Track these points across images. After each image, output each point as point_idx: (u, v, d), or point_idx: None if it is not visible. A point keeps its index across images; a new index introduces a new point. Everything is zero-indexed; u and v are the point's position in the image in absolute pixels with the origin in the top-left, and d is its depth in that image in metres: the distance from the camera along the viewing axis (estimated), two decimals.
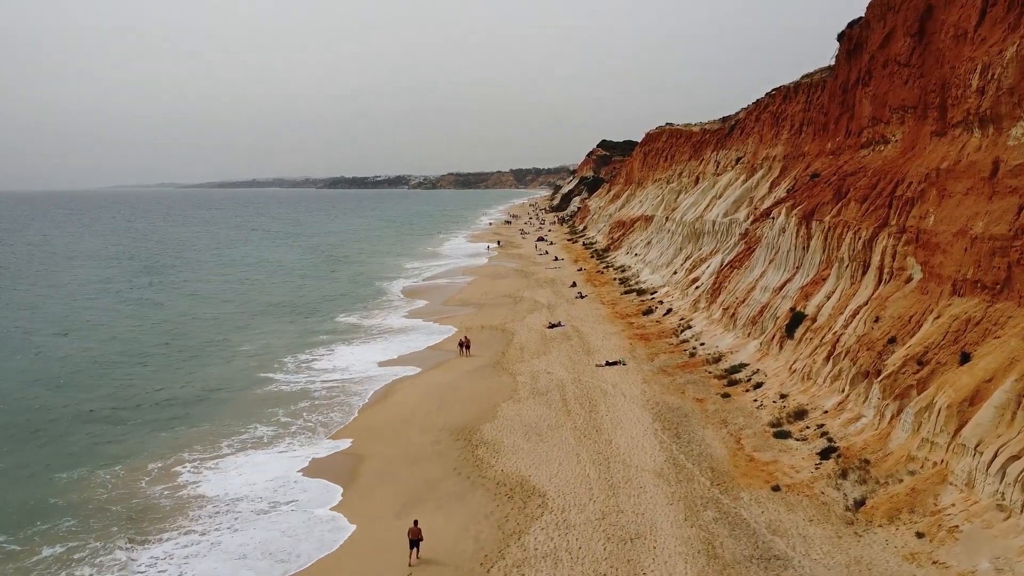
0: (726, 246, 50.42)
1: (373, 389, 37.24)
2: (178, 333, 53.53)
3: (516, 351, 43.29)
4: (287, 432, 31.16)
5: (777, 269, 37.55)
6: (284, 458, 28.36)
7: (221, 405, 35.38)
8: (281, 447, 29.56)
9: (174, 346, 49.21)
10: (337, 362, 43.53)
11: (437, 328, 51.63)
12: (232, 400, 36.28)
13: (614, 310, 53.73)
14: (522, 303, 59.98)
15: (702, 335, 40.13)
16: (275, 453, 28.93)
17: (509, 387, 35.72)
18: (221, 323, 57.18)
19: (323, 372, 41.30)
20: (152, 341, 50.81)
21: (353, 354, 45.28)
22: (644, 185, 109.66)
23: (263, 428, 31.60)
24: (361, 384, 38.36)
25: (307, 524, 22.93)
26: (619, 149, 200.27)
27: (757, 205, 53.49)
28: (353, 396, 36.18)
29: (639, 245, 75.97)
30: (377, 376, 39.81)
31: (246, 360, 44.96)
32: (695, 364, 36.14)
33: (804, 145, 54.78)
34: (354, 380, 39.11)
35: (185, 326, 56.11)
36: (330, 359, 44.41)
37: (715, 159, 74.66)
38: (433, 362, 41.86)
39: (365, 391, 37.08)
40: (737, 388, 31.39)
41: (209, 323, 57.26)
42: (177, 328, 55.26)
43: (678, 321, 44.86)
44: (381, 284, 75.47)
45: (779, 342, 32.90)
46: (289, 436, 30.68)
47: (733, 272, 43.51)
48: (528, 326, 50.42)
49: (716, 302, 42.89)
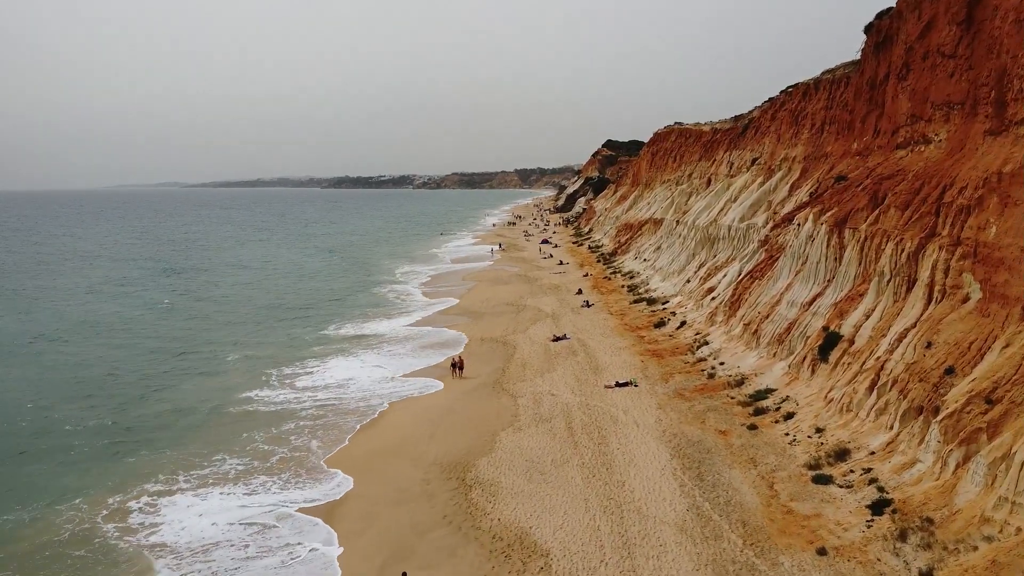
0: (744, 253, 46.94)
1: (362, 412, 33.98)
2: (170, 340, 51.09)
3: (518, 368, 39.95)
4: (263, 464, 27.84)
5: (805, 282, 34.10)
6: (253, 496, 25.07)
7: (193, 430, 32.06)
8: (252, 482, 26.23)
9: (162, 355, 46.61)
10: (327, 377, 40.39)
11: (435, 340, 48.35)
12: (208, 424, 33.00)
13: (623, 321, 50.31)
14: (525, 312, 56.63)
15: (721, 353, 36.69)
16: (242, 490, 25.59)
17: (509, 411, 32.38)
18: (214, 330, 54.72)
19: (311, 389, 38.15)
20: (137, 349, 48.20)
21: (344, 369, 42.05)
22: (652, 186, 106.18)
23: (232, 460, 28.28)
24: (350, 405, 35.13)
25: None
26: (625, 149, 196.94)
27: (777, 209, 50.03)
28: (340, 420, 32.89)
29: (648, 250, 72.50)
30: (368, 395, 36.57)
31: (233, 373, 42.10)
32: (715, 387, 32.71)
33: (826, 145, 51.34)
34: (343, 400, 35.86)
35: (177, 333, 53.71)
36: (320, 374, 41.30)
37: (728, 160, 71.19)
38: (428, 381, 38.54)
39: (354, 414, 33.85)
40: (765, 418, 27.95)
41: (204, 330, 54.83)
42: (170, 334, 52.91)
43: (693, 336, 41.41)
44: (378, 290, 72.18)
45: (811, 365, 29.46)
46: (264, 469, 27.36)
47: (754, 283, 40.06)
48: (531, 339, 47.07)
49: (735, 316, 39.44)
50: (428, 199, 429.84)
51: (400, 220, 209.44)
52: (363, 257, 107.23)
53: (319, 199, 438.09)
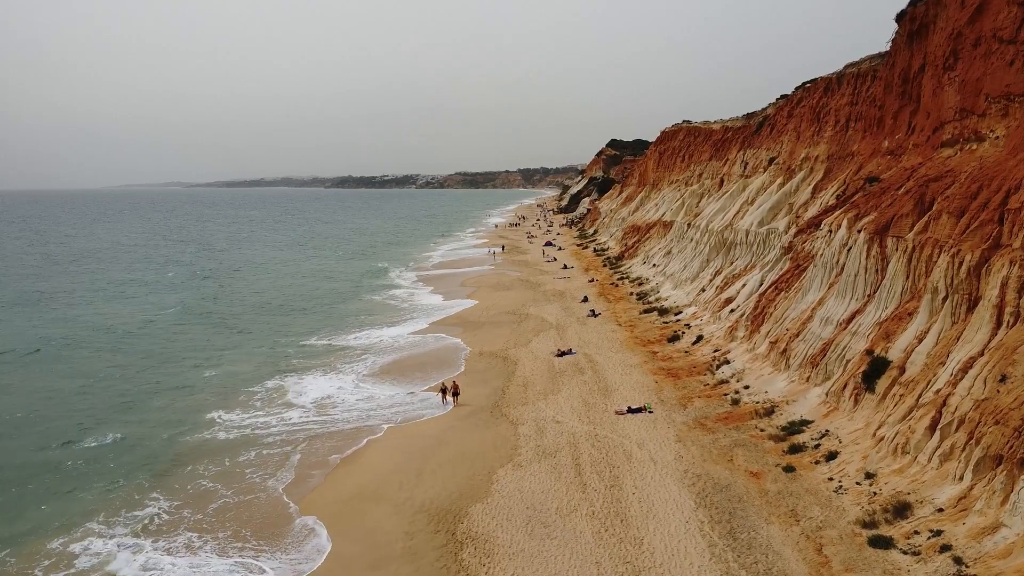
0: (765, 261, 43.23)
1: (343, 438, 30.40)
2: (157, 348, 48.57)
3: (519, 388, 36.31)
4: (217, 515, 24.17)
5: (841, 296, 30.38)
6: (203, 556, 21.46)
7: (146, 465, 28.42)
8: (206, 541, 22.54)
9: (140, 367, 43.68)
10: (307, 397, 36.85)
11: (430, 353, 44.72)
12: (165, 455, 29.41)
13: (632, 334, 46.60)
14: (527, 322, 52.98)
15: (745, 375, 32.98)
16: (179, 551, 21.86)
17: (509, 443, 28.73)
18: (201, 338, 51.98)
19: (284, 409, 34.76)
20: (118, 361, 45.26)
21: (326, 387, 38.53)
22: (659, 187, 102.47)
23: (165, 503, 24.67)
24: (329, 430, 31.59)
25: None
26: (630, 148, 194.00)
27: (799, 213, 46.29)
28: (316, 451, 29.26)
29: (658, 254, 68.75)
30: (350, 419, 33.02)
31: (206, 390, 38.81)
32: (741, 416, 29.01)
33: (852, 144, 47.64)
34: (321, 425, 32.28)
35: (166, 339, 51.36)
36: (297, 390, 37.86)
37: (742, 159, 67.45)
38: (418, 405, 34.92)
39: (333, 440, 30.35)
40: (803, 457, 24.26)
41: (192, 337, 52.19)
42: (158, 342, 50.39)
43: (712, 353, 37.69)
44: (372, 296, 68.52)
45: (853, 395, 25.76)
46: (208, 526, 23.44)
47: (779, 295, 36.35)
48: (533, 353, 43.42)
49: (759, 332, 35.73)
50: (431, 199, 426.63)
51: (401, 220, 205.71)
52: (360, 258, 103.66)
53: (322, 199, 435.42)
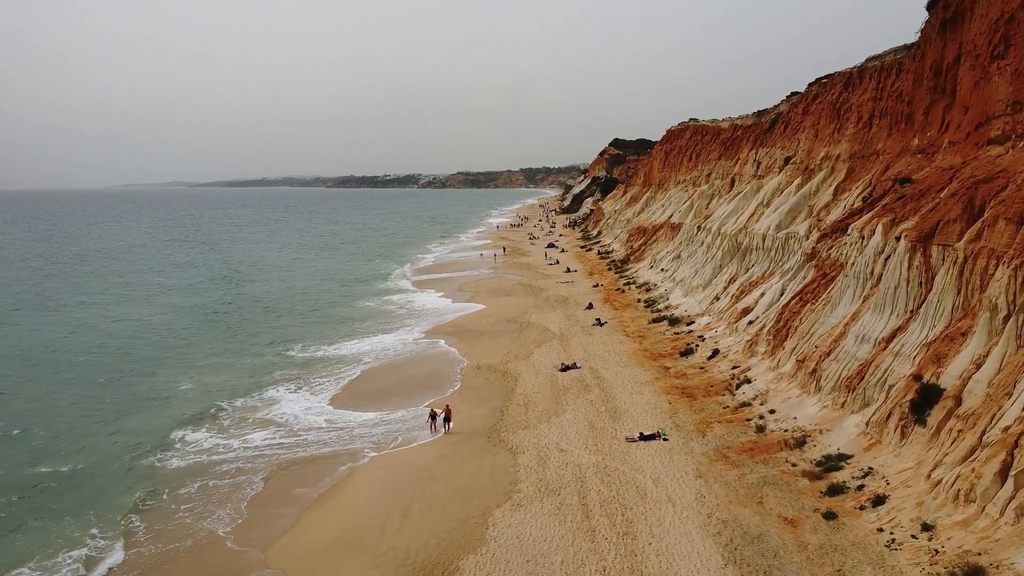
0: (786, 268, 40.04)
1: (319, 467, 27.33)
2: (143, 353, 46.57)
3: (519, 409, 33.16)
4: (152, 566, 21.10)
5: (879, 311, 27.17)
6: None
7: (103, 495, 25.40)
8: None
9: (117, 379, 41.10)
10: (281, 414, 34.09)
11: (423, 366, 41.57)
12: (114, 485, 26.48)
13: (642, 345, 43.41)
14: (528, 331, 49.82)
15: (769, 397, 29.78)
16: None
17: (507, 476, 25.59)
18: (188, 344, 49.59)
19: (255, 429, 32.10)
20: (98, 369, 43.02)
21: (306, 404, 35.60)
22: (666, 187, 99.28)
23: (106, 546, 21.63)
24: (299, 455, 28.62)
25: None
26: (633, 148, 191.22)
27: (821, 216, 43.12)
28: (288, 485, 26.18)
29: (666, 258, 65.53)
30: (329, 445, 29.96)
31: (180, 404, 36.20)
32: (768, 446, 25.82)
33: (877, 142, 44.47)
34: (297, 452, 29.20)
35: (154, 344, 49.42)
36: (274, 408, 34.97)
37: (754, 159, 64.26)
38: (407, 427, 31.78)
39: (308, 467, 27.36)
40: (844, 500, 21.09)
41: (180, 343, 49.95)
42: (145, 346, 48.53)
43: (730, 370, 34.50)
44: (365, 302, 65.30)
45: (899, 427, 22.57)
46: None
47: (805, 307, 33.15)
48: (535, 367, 40.28)
49: (783, 348, 32.54)
50: (433, 198, 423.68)
51: (403, 221, 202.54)
52: (360, 259, 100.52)
53: (325, 199, 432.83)
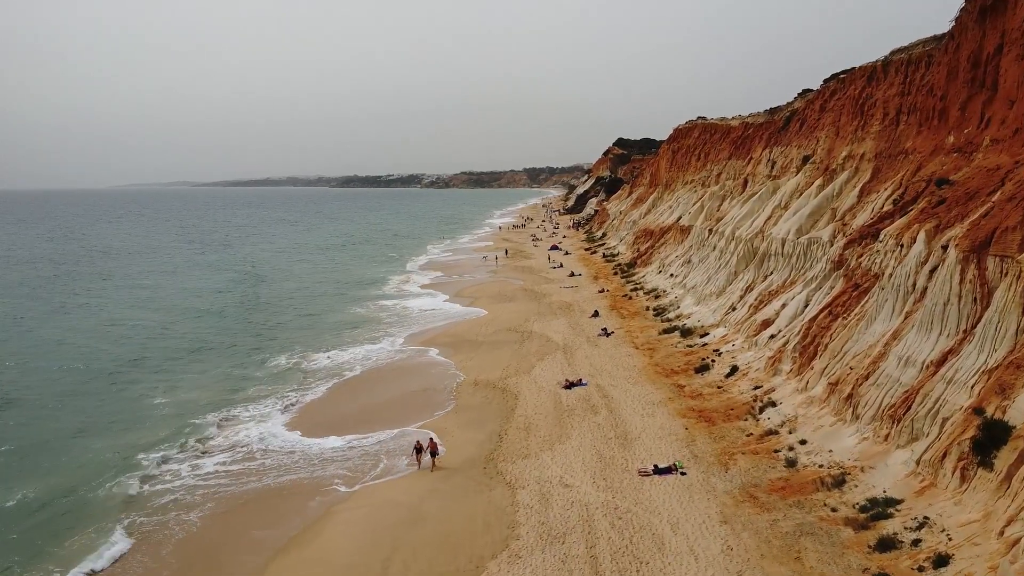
0: (809, 277, 36.90)
1: (291, 502, 24.31)
2: (127, 360, 44.29)
3: (519, 433, 30.11)
4: None
5: (925, 330, 24.03)
6: None
7: (26, 543, 22.42)
8: None
9: (91, 392, 38.46)
10: (246, 437, 31.36)
11: (414, 382, 38.54)
12: (56, 521, 23.56)
13: (652, 359, 40.29)
14: (530, 341, 46.76)
15: (798, 424, 26.63)
16: None
17: (505, 518, 22.53)
18: (175, 352, 47.16)
19: (218, 453, 29.24)
20: (76, 380, 40.60)
21: (273, 424, 33.06)
22: (673, 188, 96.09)
23: None
24: (275, 488, 25.50)
25: None
26: (637, 147, 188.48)
27: (846, 220, 39.99)
28: (251, 527, 23.17)
29: (675, 263, 62.39)
30: (304, 473, 26.97)
31: (150, 424, 33.33)
32: (802, 485, 22.70)
33: (906, 139, 41.32)
34: (265, 483, 26.19)
35: (139, 350, 47.13)
36: (237, 431, 32.07)
37: (768, 158, 61.10)
38: (392, 454, 28.72)
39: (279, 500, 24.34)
40: (899, 558, 17.96)
41: (167, 351, 47.38)
42: (133, 351, 46.45)
43: (752, 391, 31.34)
44: (358, 308, 62.17)
45: (959, 469, 19.44)
46: None
47: (835, 321, 30.00)
48: (537, 383, 37.23)
49: (812, 367, 29.39)
50: (435, 198, 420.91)
51: (404, 221, 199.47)
52: (357, 262, 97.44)
53: (329, 199, 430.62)
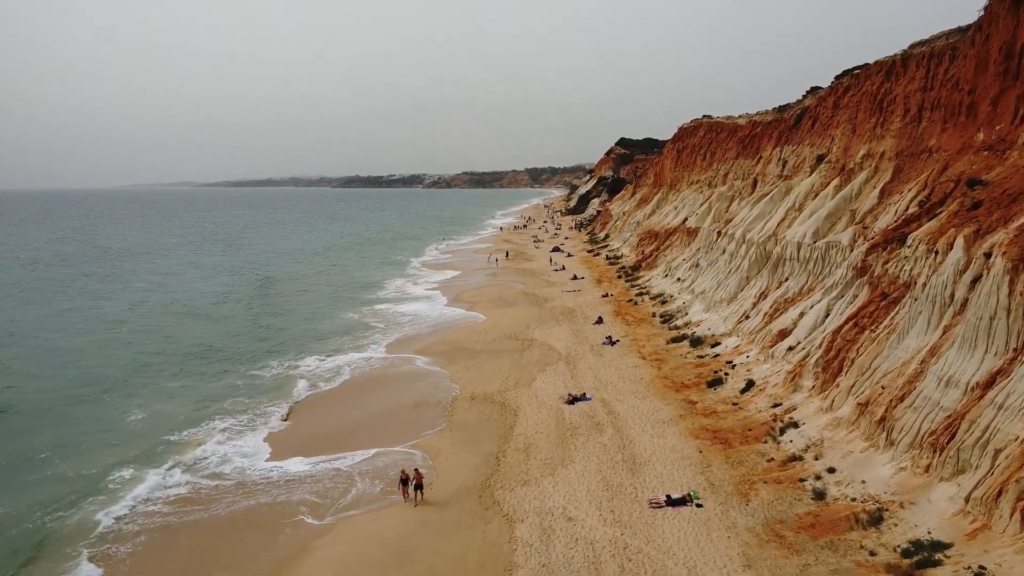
0: (828, 284, 34.51)
1: (245, 544, 21.92)
2: (104, 368, 41.66)
3: (518, 455, 27.75)
4: None
5: (968, 347, 21.63)
6: None
7: None
8: None
9: (67, 404, 36.15)
10: (228, 457, 28.96)
11: (405, 396, 36.17)
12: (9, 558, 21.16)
13: (660, 371, 37.90)
14: (531, 350, 44.41)
15: (825, 449, 24.21)
16: None
17: (501, 558, 20.18)
18: (163, 358, 44.93)
19: (195, 476, 27.00)
20: (56, 393, 37.84)
21: (247, 443, 30.80)
22: (678, 188, 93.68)
23: None
24: (232, 510, 23.16)
25: None
26: (640, 147, 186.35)
27: (867, 223, 37.60)
28: (197, 558, 20.84)
29: (682, 266, 59.97)
30: (280, 497, 24.61)
31: (116, 441, 31.26)
32: (834, 522, 20.30)
33: (929, 137, 38.96)
34: (237, 509, 23.86)
35: (129, 353, 45.33)
36: (220, 453, 29.71)
37: (779, 157, 58.70)
38: (378, 476, 26.35)
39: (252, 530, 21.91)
40: None
41: (152, 358, 45.02)
42: (118, 357, 44.56)
43: (770, 408, 28.93)
44: (350, 314, 59.81)
45: (1017, 510, 17.05)
46: None
47: (863, 334, 27.58)
48: (538, 397, 34.88)
49: (836, 384, 26.97)
50: (437, 199, 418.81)
51: (405, 221, 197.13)
52: (356, 263, 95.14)
53: (331, 199, 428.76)
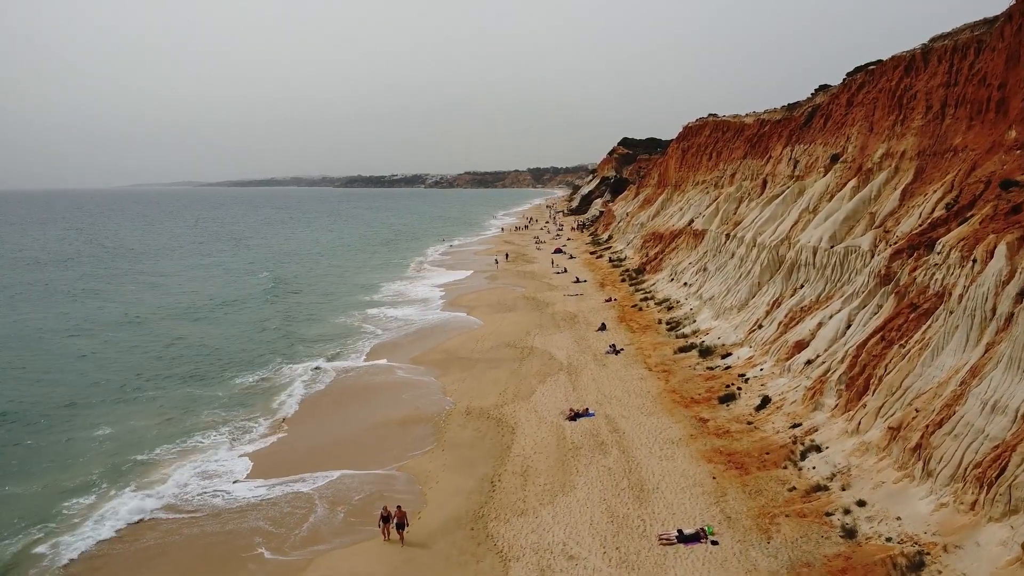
0: (848, 292, 32.23)
1: None
2: (87, 374, 38.12)
3: (515, 479, 25.52)
4: None
5: (1016, 368, 19.35)
6: None
7: None
8: None
9: (44, 418, 34.01)
10: (194, 480, 26.81)
11: (394, 409, 33.93)
12: None
13: (668, 384, 35.63)
14: (531, 359, 42.19)
15: (852, 478, 21.92)
16: None
17: None
18: (150, 364, 42.62)
19: (155, 501, 24.55)
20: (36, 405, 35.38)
21: (230, 462, 28.40)
22: (683, 188, 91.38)
23: None
24: (201, 539, 20.85)
25: None
26: (643, 147, 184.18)
27: (888, 227, 35.32)
28: None
29: (689, 270, 57.67)
30: (243, 523, 22.30)
31: (77, 462, 29.15)
32: (868, 566, 17.99)
33: (954, 135, 36.73)
34: (191, 538, 21.61)
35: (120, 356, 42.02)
36: (187, 474, 27.54)
37: (791, 157, 56.39)
38: (358, 515, 24.06)
39: None
40: None
41: (138, 365, 41.61)
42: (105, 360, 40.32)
43: (789, 429, 26.64)
44: (339, 319, 57.47)
45: None
46: None
47: (889, 349, 25.30)
48: (537, 412, 32.66)
49: (863, 404, 24.68)
50: (439, 198, 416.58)
51: (406, 221, 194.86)
52: (349, 266, 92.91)
53: (334, 199, 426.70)
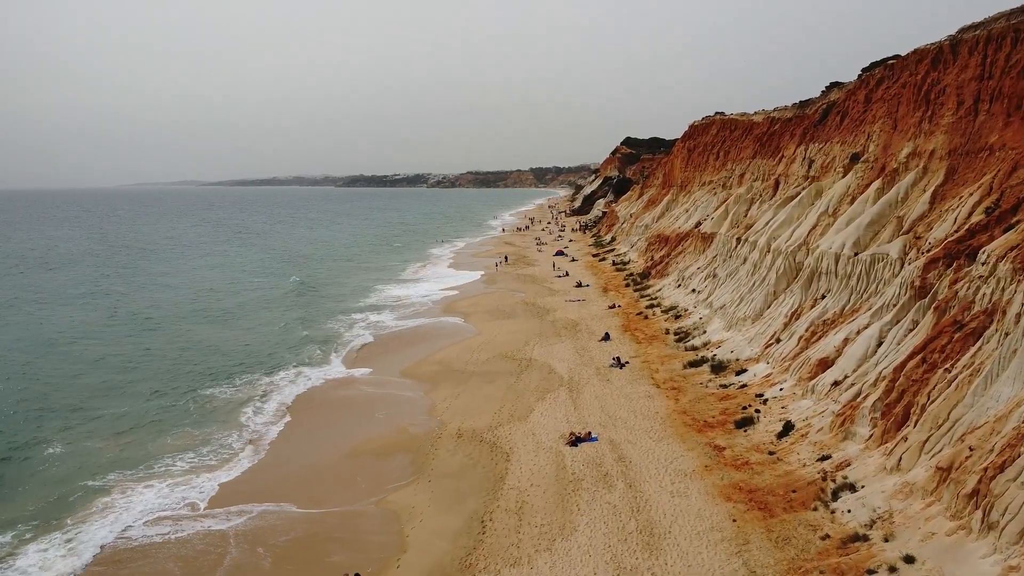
0: (878, 305, 29.26)
1: None
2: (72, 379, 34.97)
3: (508, 518, 22.62)
4: None
5: None
6: None
7: None
8: None
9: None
10: (123, 514, 24.26)
11: (379, 425, 31.05)
12: None
13: (678, 403, 32.69)
14: (529, 373, 39.31)
15: (896, 527, 18.95)
16: None
17: None
18: (141, 368, 38.99)
19: (91, 547, 21.49)
20: None
21: (186, 488, 25.70)
22: (689, 189, 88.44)
23: None
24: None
25: None
26: (646, 147, 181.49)
27: (919, 232, 32.35)
28: None
29: (697, 276, 54.70)
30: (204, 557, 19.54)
31: (29, 480, 27.42)
32: None
33: (989, 133, 33.75)
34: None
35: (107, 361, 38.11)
36: (135, 507, 24.96)
37: (805, 156, 53.42)
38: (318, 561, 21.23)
39: None
40: None
41: (123, 367, 38.41)
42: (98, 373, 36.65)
43: (817, 463, 23.66)
44: (333, 326, 54.63)
45: None
46: None
47: (932, 374, 22.35)
48: (535, 435, 29.77)
49: (903, 436, 21.73)
50: (441, 198, 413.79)
51: (406, 222, 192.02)
52: (349, 266, 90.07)
53: (335, 198, 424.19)
